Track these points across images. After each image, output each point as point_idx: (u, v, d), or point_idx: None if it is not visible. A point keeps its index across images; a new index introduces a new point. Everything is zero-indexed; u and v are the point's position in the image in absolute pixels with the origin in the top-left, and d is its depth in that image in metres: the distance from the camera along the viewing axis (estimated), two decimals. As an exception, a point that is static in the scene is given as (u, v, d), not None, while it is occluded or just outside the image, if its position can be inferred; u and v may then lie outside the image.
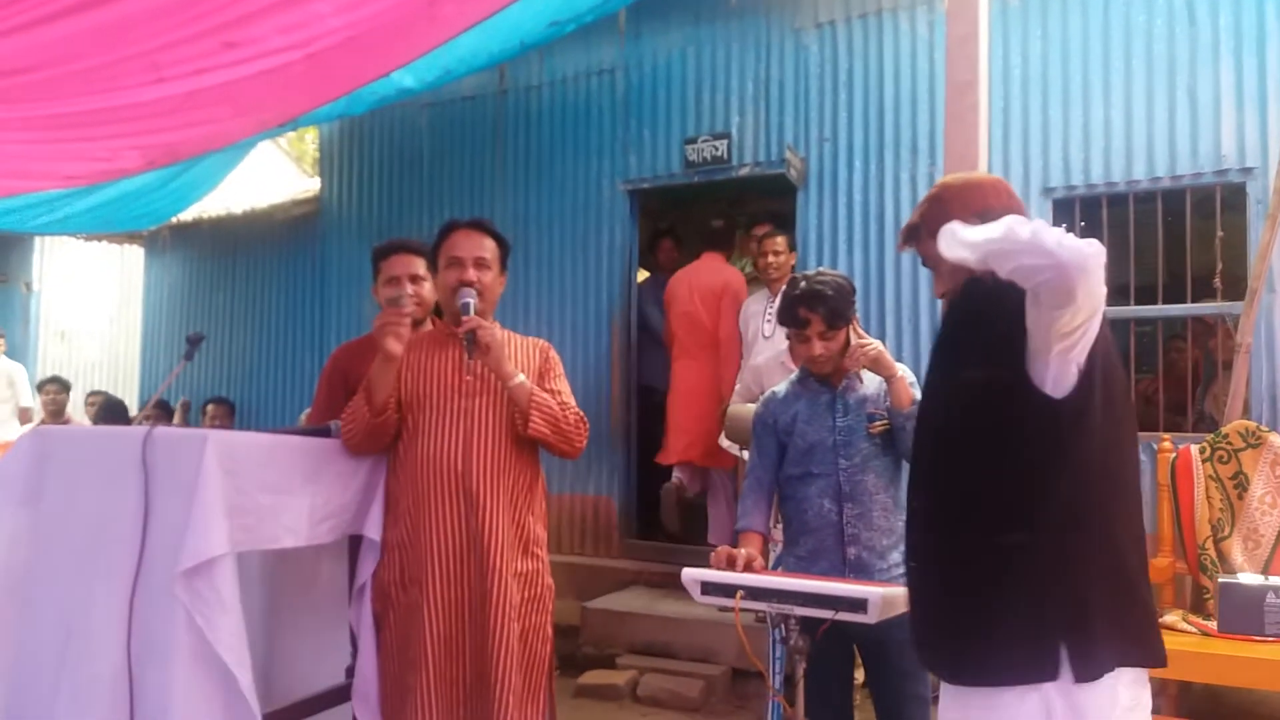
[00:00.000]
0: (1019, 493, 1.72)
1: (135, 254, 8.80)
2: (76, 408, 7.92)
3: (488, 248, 2.67)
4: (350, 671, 2.56)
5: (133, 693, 2.09)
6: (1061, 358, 1.65)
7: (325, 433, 2.60)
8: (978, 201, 1.85)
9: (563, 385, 2.72)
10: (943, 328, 1.90)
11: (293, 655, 2.72)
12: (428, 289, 2.97)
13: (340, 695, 2.57)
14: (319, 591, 2.78)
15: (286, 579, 2.74)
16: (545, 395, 2.60)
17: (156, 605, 2.10)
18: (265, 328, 7.41)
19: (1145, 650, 1.77)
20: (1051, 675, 1.67)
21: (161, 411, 6.52)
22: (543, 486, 2.74)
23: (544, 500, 2.75)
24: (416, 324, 2.98)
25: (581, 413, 2.68)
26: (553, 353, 2.78)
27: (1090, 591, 1.72)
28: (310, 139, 11.75)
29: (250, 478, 2.21)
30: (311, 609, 2.77)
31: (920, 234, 1.93)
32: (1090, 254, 1.46)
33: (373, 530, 2.56)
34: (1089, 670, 1.68)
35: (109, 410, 6.93)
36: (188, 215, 7.49)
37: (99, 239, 8.28)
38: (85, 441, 2.45)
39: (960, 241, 1.55)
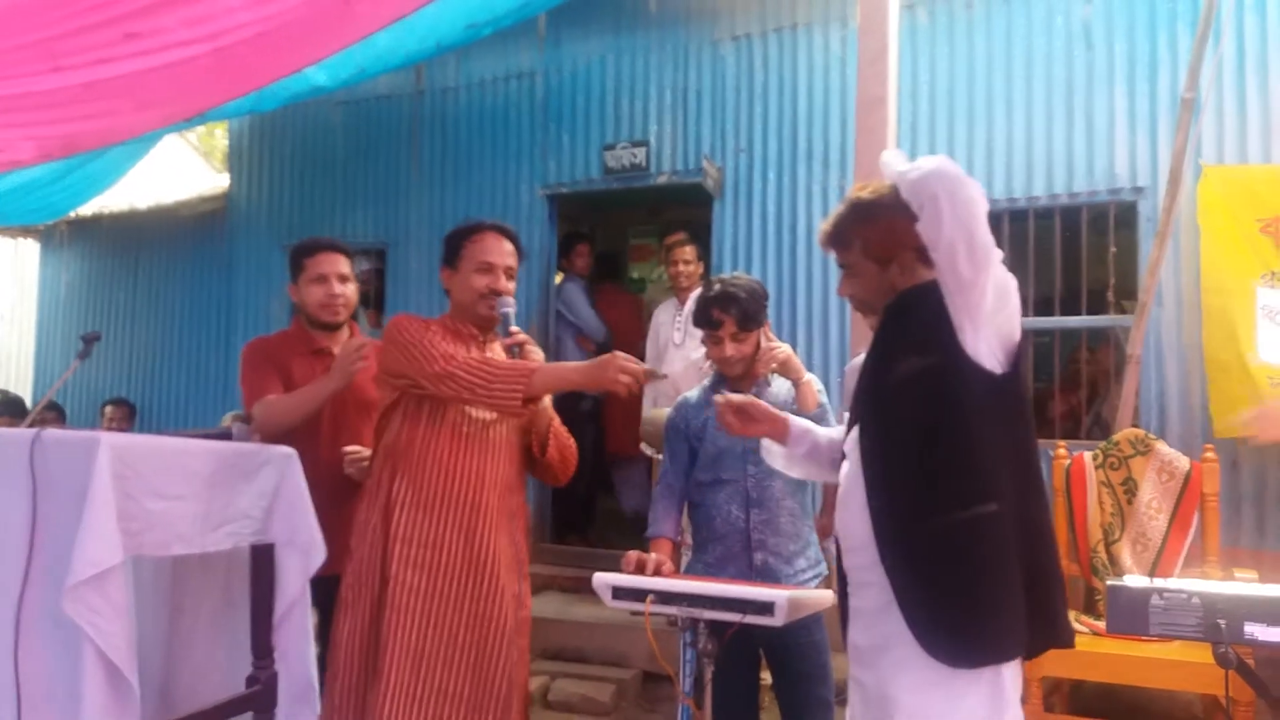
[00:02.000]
0: (982, 464, 1.78)
1: (30, 249, 8.42)
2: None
3: (515, 256, 2.65)
4: (251, 681, 2.49)
5: (20, 707, 1.99)
6: (974, 332, 1.74)
7: (225, 435, 2.52)
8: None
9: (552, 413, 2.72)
10: (884, 328, 1.97)
11: (194, 663, 2.64)
12: (352, 289, 2.95)
13: (240, 706, 2.49)
14: (222, 598, 2.69)
15: (190, 585, 2.65)
16: (558, 423, 2.63)
17: (45, 617, 2.00)
18: (169, 327, 7.16)
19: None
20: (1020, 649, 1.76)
21: (54, 413, 6.25)
22: (529, 510, 2.72)
23: (529, 523, 2.73)
24: (337, 326, 2.95)
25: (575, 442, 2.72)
26: None
27: (1043, 560, 1.81)
28: (220, 134, 11.40)
29: (141, 482, 2.12)
30: (212, 616, 2.68)
31: (850, 243, 1.98)
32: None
33: (314, 544, 2.46)
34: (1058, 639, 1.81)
35: (8, 406, 6.62)
36: (88, 210, 7.19)
37: (-10, 232, 7.91)
38: (-33, 445, 2.33)
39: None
